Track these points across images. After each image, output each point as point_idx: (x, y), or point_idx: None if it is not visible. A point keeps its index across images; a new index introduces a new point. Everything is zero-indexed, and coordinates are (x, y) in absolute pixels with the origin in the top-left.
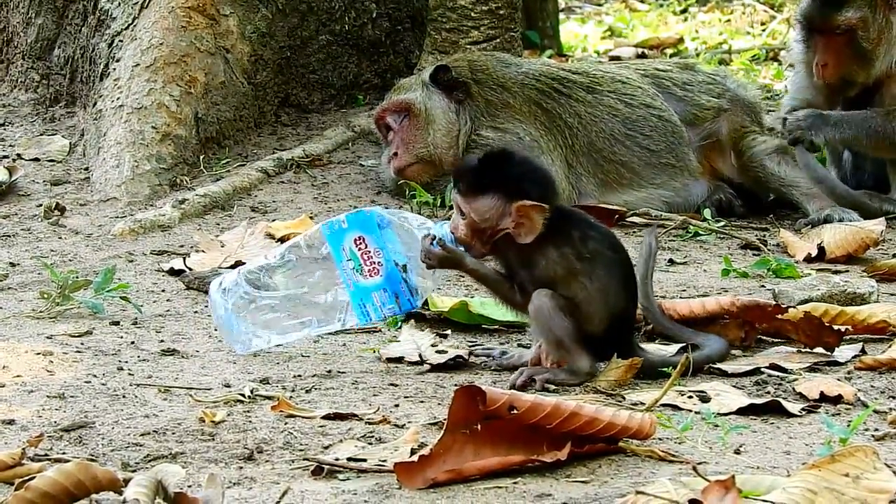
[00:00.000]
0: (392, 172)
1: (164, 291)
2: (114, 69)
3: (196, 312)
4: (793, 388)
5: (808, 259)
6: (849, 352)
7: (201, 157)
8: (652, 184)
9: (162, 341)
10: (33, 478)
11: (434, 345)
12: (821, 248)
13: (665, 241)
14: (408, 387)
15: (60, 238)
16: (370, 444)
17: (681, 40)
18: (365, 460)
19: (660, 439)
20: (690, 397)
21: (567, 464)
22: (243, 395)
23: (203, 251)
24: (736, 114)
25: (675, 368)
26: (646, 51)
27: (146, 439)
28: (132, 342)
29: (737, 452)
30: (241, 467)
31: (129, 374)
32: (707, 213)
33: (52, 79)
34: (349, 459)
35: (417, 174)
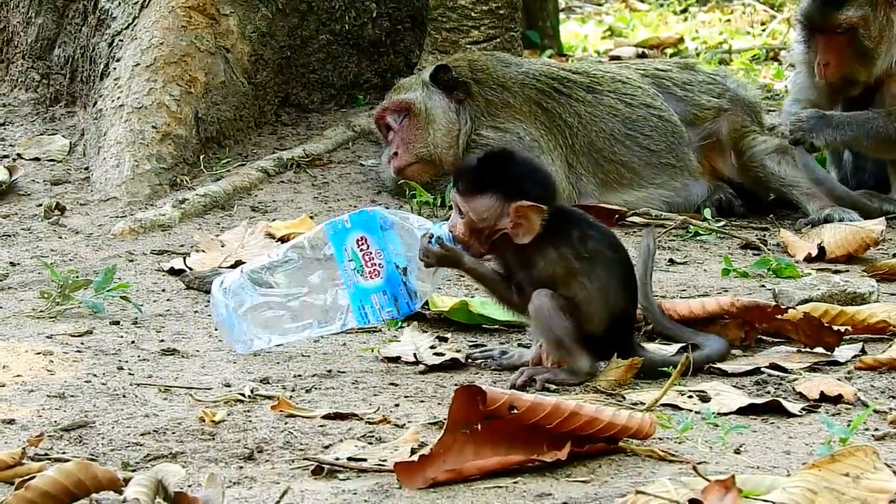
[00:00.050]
0: (392, 172)
1: (164, 291)
2: (114, 69)
3: (196, 312)
4: (793, 388)
5: (809, 259)
6: (849, 352)
7: (201, 157)
8: (652, 184)
9: (162, 341)
10: (33, 477)
11: (433, 346)
12: (821, 248)
13: (665, 240)
14: (408, 386)
15: (60, 238)
16: (370, 443)
17: (681, 40)
18: (365, 460)
19: (660, 439)
20: (690, 397)
21: (567, 463)
22: (243, 395)
23: (203, 251)
24: (736, 114)
25: (675, 368)
26: (646, 51)
27: (146, 439)
28: (132, 342)
29: (737, 452)
30: (241, 467)
31: (130, 373)
32: (707, 212)
33: (52, 78)
34: (349, 459)
35: (417, 174)
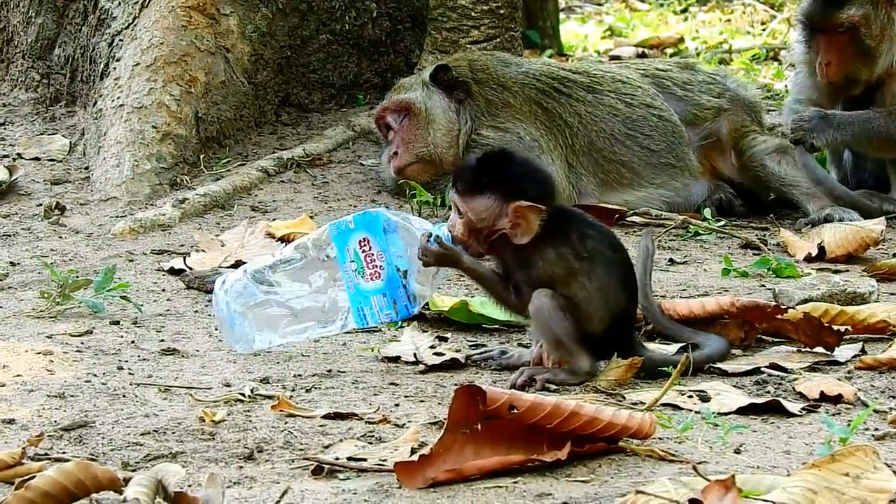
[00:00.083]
0: (392, 172)
1: (164, 291)
2: (114, 68)
3: (196, 312)
4: (793, 388)
5: (809, 258)
6: (849, 351)
7: (201, 157)
8: (652, 183)
9: (162, 341)
10: (33, 477)
11: (433, 346)
12: (821, 248)
13: (665, 240)
14: (408, 386)
15: (61, 237)
16: (370, 443)
17: (681, 40)
18: (365, 460)
19: (660, 439)
20: (690, 397)
21: (567, 463)
22: (243, 395)
23: (203, 250)
24: (736, 113)
25: (675, 368)
26: (646, 50)
27: (146, 439)
28: (132, 341)
29: (737, 452)
30: (241, 467)
31: (130, 373)
32: (707, 212)
33: (52, 78)
34: (349, 459)
35: (417, 173)
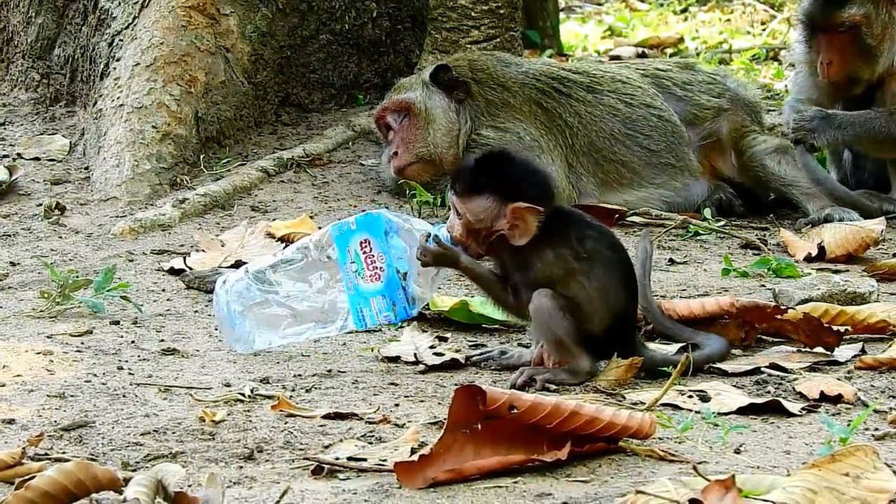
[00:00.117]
0: (392, 172)
1: (164, 291)
2: (114, 68)
3: (196, 312)
4: (793, 388)
5: (809, 258)
6: (849, 351)
7: (201, 157)
8: (652, 183)
9: (162, 341)
10: (33, 477)
11: (433, 346)
12: (821, 248)
13: (665, 240)
14: (408, 386)
15: (61, 237)
16: (370, 443)
17: (681, 40)
18: (365, 460)
19: (660, 439)
20: (690, 397)
21: (567, 463)
22: (243, 395)
23: (203, 250)
24: (736, 113)
25: (675, 368)
26: (646, 50)
27: (146, 439)
28: (132, 341)
29: (737, 452)
30: (241, 467)
31: (130, 373)
32: (707, 212)
33: (52, 78)
34: (349, 459)
35: (417, 173)
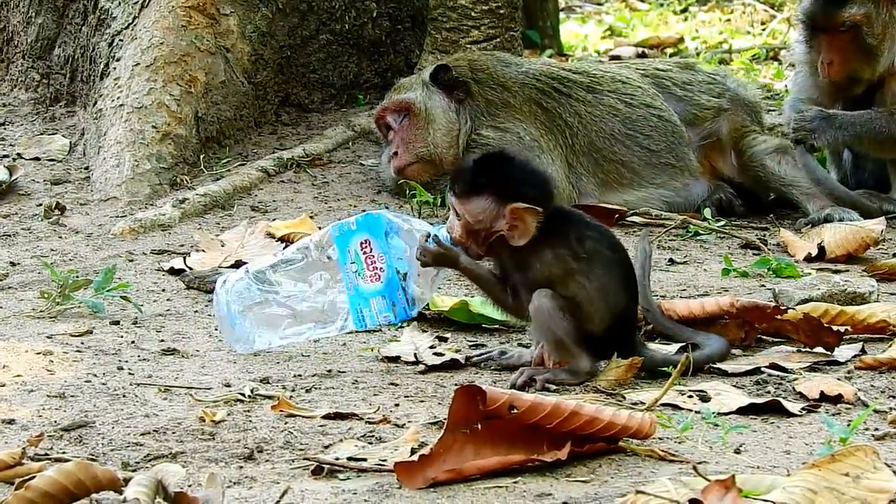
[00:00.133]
0: (392, 172)
1: (164, 291)
2: (114, 68)
3: (196, 312)
4: (793, 388)
5: (809, 258)
6: (849, 351)
7: (201, 157)
8: (652, 183)
9: (162, 341)
10: (33, 477)
11: (433, 346)
12: (821, 248)
13: (665, 240)
14: (408, 386)
15: (61, 237)
16: (370, 443)
17: (681, 40)
18: (365, 460)
19: (660, 439)
20: (690, 397)
21: (567, 463)
22: (243, 395)
23: (203, 250)
24: (736, 113)
25: (675, 368)
26: (646, 50)
27: (146, 439)
28: (132, 342)
29: (737, 452)
30: (241, 467)
31: (130, 373)
32: (707, 212)
33: (52, 78)
34: (349, 459)
35: (417, 173)
